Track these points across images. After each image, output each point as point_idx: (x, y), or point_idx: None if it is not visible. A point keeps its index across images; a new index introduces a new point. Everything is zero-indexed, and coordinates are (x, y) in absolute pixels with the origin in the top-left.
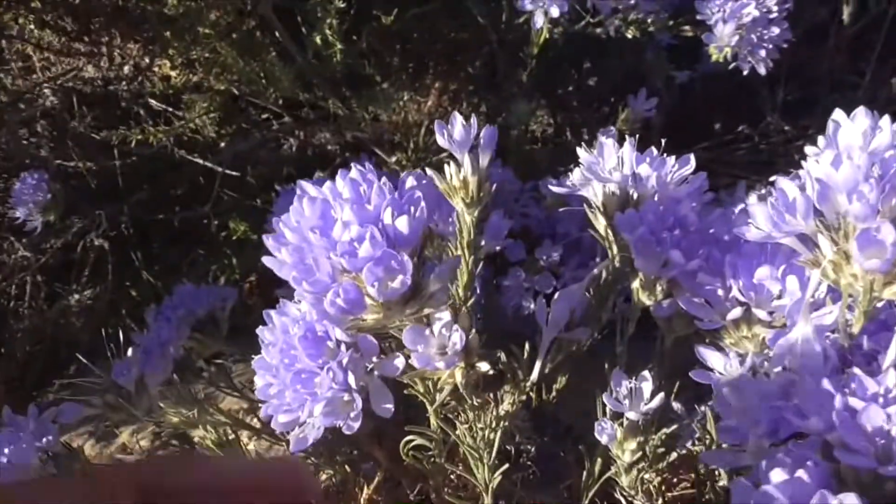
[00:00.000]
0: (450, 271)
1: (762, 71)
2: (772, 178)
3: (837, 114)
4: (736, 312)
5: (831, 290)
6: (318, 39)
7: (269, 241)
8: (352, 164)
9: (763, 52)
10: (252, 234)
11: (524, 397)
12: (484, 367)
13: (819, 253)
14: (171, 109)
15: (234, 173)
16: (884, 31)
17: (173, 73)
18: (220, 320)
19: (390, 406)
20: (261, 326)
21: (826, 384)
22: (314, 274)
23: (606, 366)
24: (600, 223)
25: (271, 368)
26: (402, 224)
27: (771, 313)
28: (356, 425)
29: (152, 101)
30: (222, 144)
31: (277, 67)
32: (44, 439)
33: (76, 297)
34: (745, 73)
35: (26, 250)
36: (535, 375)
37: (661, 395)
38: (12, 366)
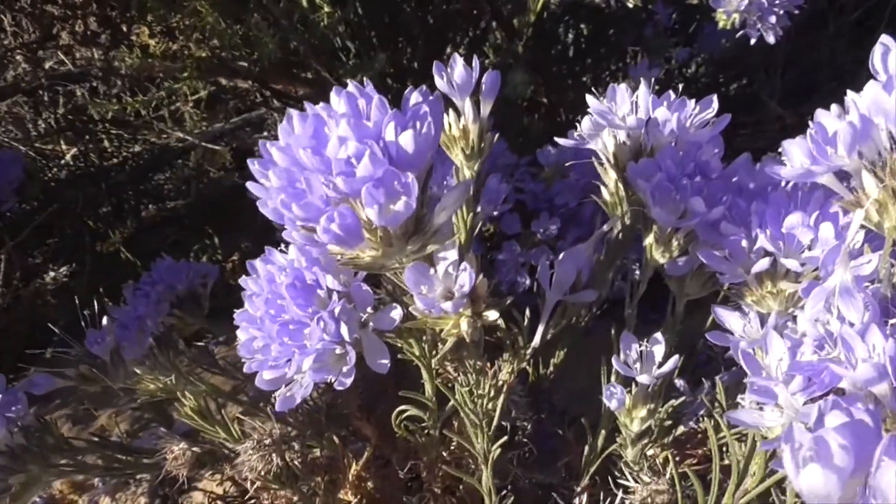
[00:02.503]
0: (457, 199)
1: (771, 39)
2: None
3: (886, 38)
4: (763, 264)
5: (868, 239)
6: (304, 2)
7: (254, 165)
8: (348, 82)
9: (773, 19)
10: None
11: (522, 368)
12: (492, 315)
13: (861, 193)
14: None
15: (215, 147)
16: (886, 17)
17: (152, 42)
18: (202, 297)
19: (386, 361)
20: (244, 277)
21: (874, 332)
22: (305, 197)
23: (614, 333)
24: (610, 177)
25: (255, 321)
26: (407, 140)
27: (802, 265)
28: (348, 381)
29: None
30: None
31: (262, 31)
32: (13, 408)
33: (52, 274)
34: (752, 41)
35: (2, 231)
36: (537, 341)
37: (676, 357)
38: None
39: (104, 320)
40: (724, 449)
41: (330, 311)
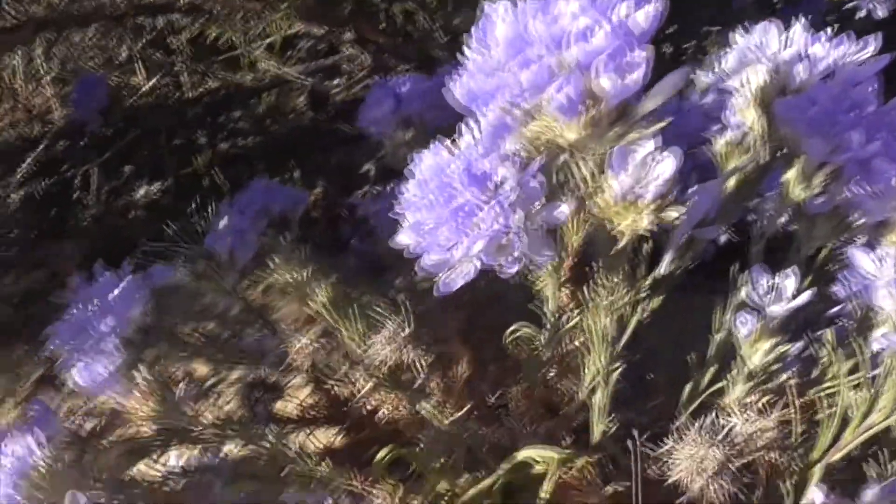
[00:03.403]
0: (672, 85)
1: (880, 14)
2: None
3: None
4: None
5: None
6: None
7: (473, 39)
8: None
9: None
10: (308, 158)
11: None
12: (674, 212)
13: None
14: None
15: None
16: None
17: None
18: (292, 222)
19: (551, 254)
20: (410, 165)
21: None
22: (532, 65)
23: (733, 271)
24: (750, 115)
25: (421, 206)
26: (641, 18)
27: None
28: (512, 270)
29: None
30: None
31: None
32: (139, 292)
33: (143, 191)
34: (860, 15)
35: (89, 147)
36: (663, 269)
37: (810, 291)
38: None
39: (223, 221)
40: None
41: (502, 199)
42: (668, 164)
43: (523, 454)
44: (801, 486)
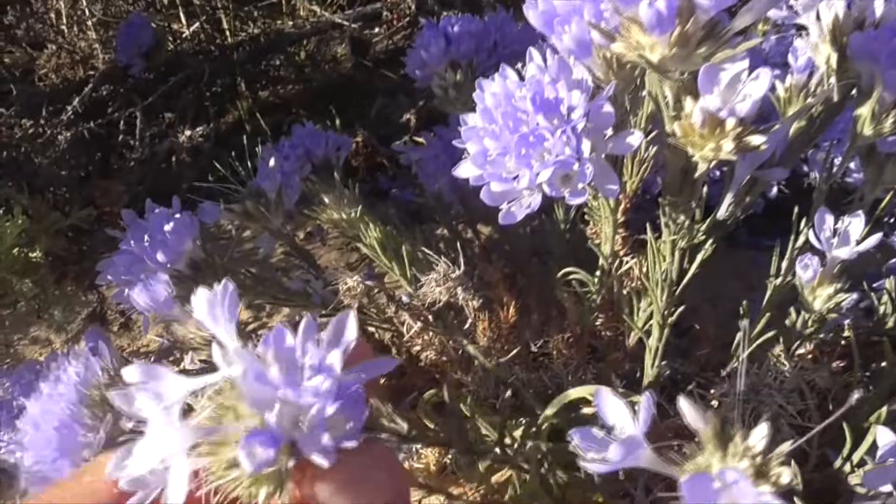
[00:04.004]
0: (767, 5)
1: None
2: None
3: None
4: None
5: None
6: None
7: None
8: None
9: None
10: (349, 107)
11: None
12: (757, 139)
13: None
14: None
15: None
16: None
17: None
18: (336, 167)
19: (615, 187)
20: (476, 92)
21: None
22: None
23: (796, 214)
24: (823, 52)
25: (486, 135)
26: None
27: None
28: (579, 200)
29: None
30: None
31: None
32: (189, 228)
33: (188, 133)
34: None
35: (133, 91)
36: (722, 212)
37: (878, 235)
38: (127, 193)
39: (271, 161)
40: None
41: (573, 126)
42: (759, 84)
43: (575, 393)
44: (861, 431)
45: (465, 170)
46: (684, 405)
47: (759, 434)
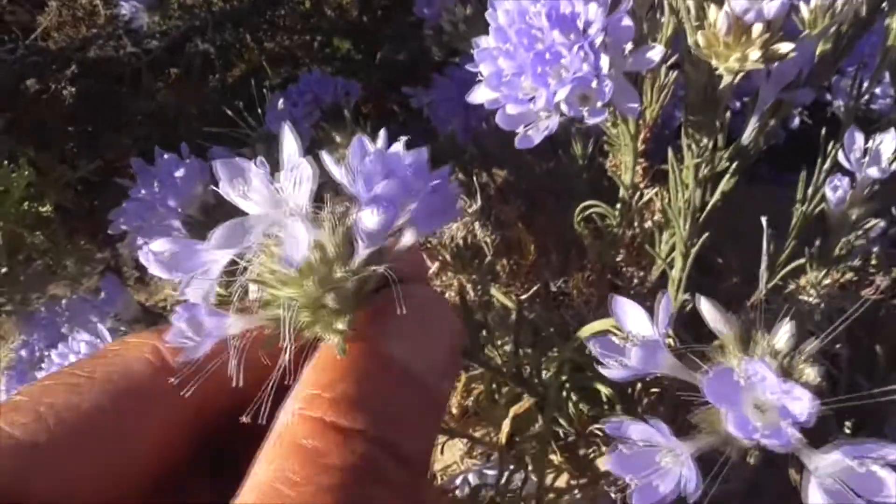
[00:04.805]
0: None
1: None
2: None
3: None
4: None
5: None
6: None
7: None
8: None
9: None
10: (356, 54)
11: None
12: (785, 47)
13: None
14: None
15: None
16: None
17: None
18: (346, 111)
19: (636, 105)
20: (487, 12)
21: None
22: None
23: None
24: None
25: (500, 55)
26: None
27: None
28: (598, 119)
29: None
30: None
31: None
32: (201, 173)
33: (193, 86)
34: None
35: (133, 47)
36: (746, 137)
37: None
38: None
39: (279, 103)
40: None
41: (591, 41)
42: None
43: (601, 324)
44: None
45: (480, 94)
46: (705, 306)
47: (784, 333)
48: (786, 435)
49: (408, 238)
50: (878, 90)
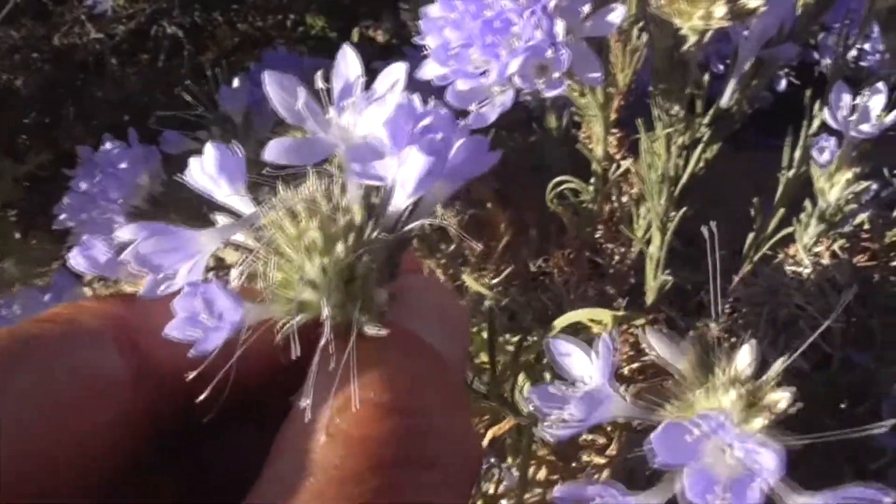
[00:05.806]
0: None
1: None
2: None
3: None
4: None
5: None
6: None
7: None
8: None
9: None
10: (330, 32)
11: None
12: (754, 1)
13: None
14: None
15: None
16: None
17: None
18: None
19: (598, 75)
20: None
21: None
22: None
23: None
24: None
25: (446, 25)
26: None
27: None
28: (555, 91)
29: None
30: None
31: None
32: (149, 159)
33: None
34: None
35: (97, 33)
36: (725, 100)
37: None
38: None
39: (235, 82)
40: None
41: (543, 5)
42: None
43: (577, 315)
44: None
45: (429, 70)
46: (652, 339)
47: (745, 358)
48: (752, 498)
49: (443, 189)
50: (866, 45)
